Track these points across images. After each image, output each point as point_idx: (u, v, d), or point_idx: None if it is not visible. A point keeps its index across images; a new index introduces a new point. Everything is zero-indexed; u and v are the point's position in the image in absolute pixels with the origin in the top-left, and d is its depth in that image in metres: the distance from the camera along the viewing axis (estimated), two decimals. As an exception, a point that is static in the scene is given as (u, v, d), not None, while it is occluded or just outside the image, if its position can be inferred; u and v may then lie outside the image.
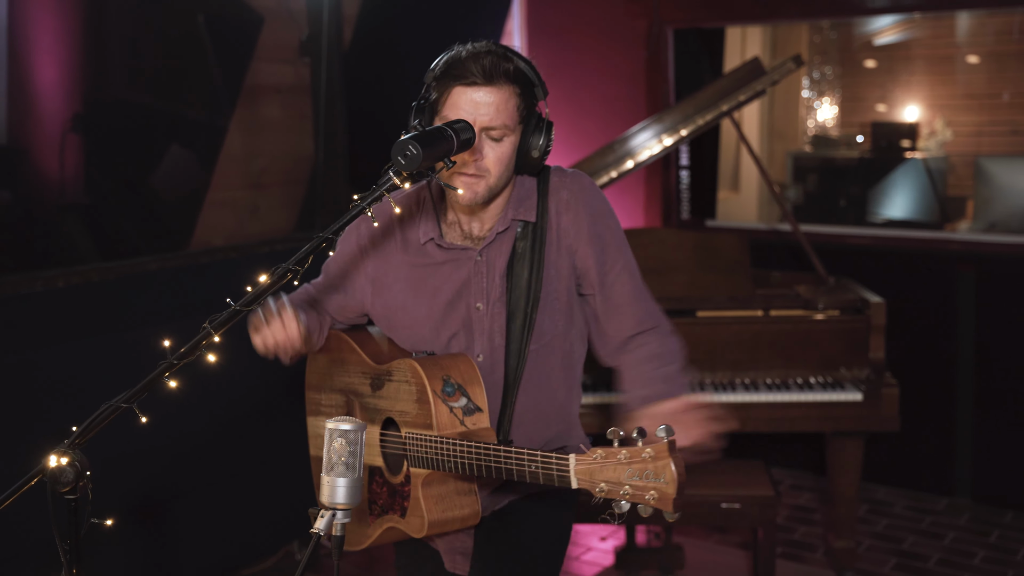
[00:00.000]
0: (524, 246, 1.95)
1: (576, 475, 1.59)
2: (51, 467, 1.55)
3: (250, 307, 1.58)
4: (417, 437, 1.87)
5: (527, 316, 1.93)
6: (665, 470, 1.50)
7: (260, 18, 3.92)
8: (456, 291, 1.98)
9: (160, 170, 3.75)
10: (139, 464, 3.09)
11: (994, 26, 6.79)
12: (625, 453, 1.54)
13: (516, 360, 1.94)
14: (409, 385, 1.91)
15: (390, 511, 1.98)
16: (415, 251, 2.01)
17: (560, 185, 1.98)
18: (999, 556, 3.94)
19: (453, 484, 1.92)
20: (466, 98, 1.81)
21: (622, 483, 1.53)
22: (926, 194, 6.04)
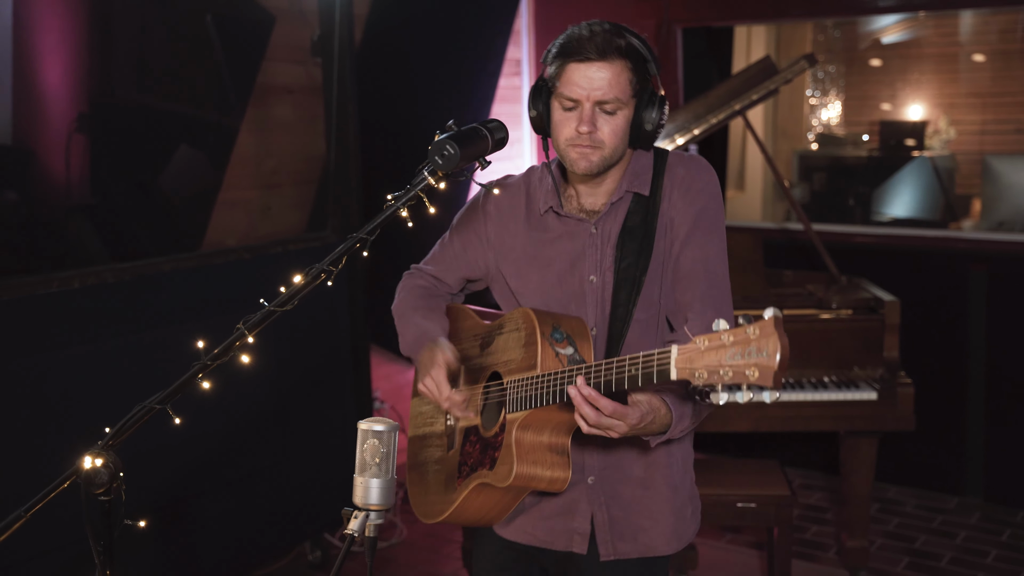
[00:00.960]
0: (636, 219, 1.97)
1: (676, 365, 1.56)
2: (85, 468, 1.55)
3: (283, 307, 1.57)
4: (519, 381, 1.87)
5: (635, 284, 1.95)
6: (768, 343, 1.45)
7: (272, 18, 3.91)
8: (570, 262, 2.01)
9: (169, 170, 3.74)
10: (152, 466, 3.09)
11: (998, 24, 6.80)
12: (729, 335, 1.50)
13: (620, 326, 1.95)
14: (519, 332, 1.92)
15: (480, 467, 1.96)
16: (535, 222, 2.05)
17: (677, 163, 2.01)
18: (1012, 555, 3.94)
19: (548, 438, 1.89)
20: (580, 73, 1.85)
21: (723, 364, 1.50)
22: (933, 193, 6.04)
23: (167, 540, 3.32)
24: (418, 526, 4.27)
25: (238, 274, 3.53)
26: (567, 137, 1.90)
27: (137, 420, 1.56)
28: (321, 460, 3.87)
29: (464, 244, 2.15)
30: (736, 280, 3.67)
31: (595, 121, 1.87)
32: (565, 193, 2.04)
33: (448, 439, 2.09)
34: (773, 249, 4.57)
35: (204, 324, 3.39)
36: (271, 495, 3.68)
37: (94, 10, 3.35)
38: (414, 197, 1.63)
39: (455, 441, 2.06)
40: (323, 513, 3.93)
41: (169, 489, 3.31)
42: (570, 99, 1.87)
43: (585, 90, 1.85)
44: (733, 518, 3.26)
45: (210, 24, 3.77)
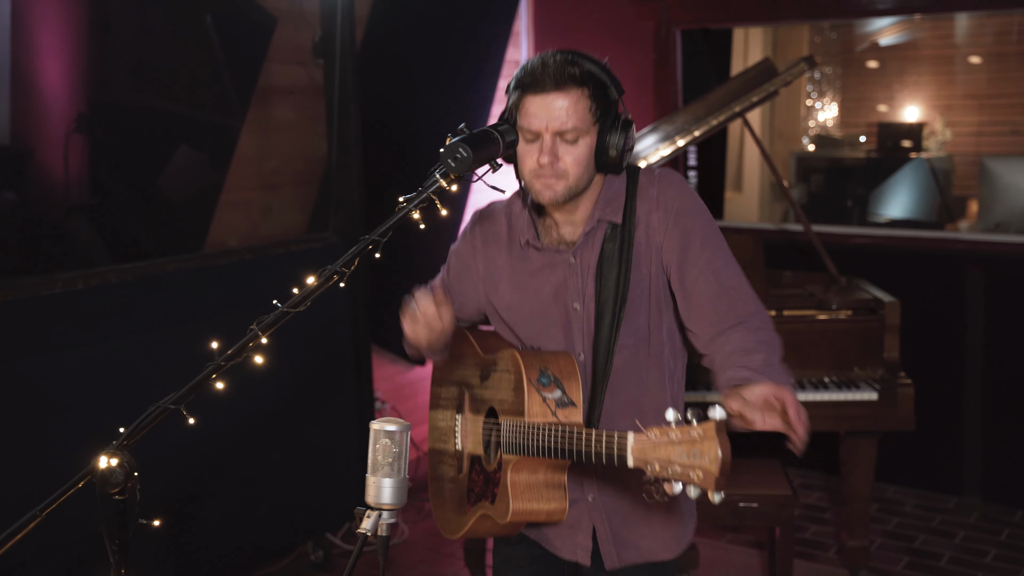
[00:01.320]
0: (612, 247, 1.98)
1: (633, 453, 1.62)
2: (101, 468, 1.55)
3: (296, 308, 1.58)
4: (512, 425, 1.92)
5: (615, 315, 1.96)
6: (709, 450, 1.50)
7: (273, 19, 3.92)
8: (554, 292, 2.03)
9: (169, 171, 3.74)
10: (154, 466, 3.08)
11: (993, 27, 6.83)
12: (676, 433, 1.56)
13: (604, 358, 1.98)
14: (509, 374, 1.96)
15: (483, 498, 2.02)
16: (517, 253, 2.08)
17: (648, 183, 2.01)
18: (1011, 554, 3.97)
19: (543, 476, 1.94)
20: (536, 105, 1.86)
21: (672, 462, 1.56)
22: (930, 194, 6.07)
23: (169, 540, 3.32)
24: (420, 526, 4.28)
25: (241, 275, 3.54)
26: (530, 169, 1.90)
27: (152, 420, 1.56)
28: (323, 460, 3.88)
29: (459, 274, 2.19)
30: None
31: (556, 151, 1.87)
32: (543, 224, 2.05)
33: (458, 461, 2.14)
34: (772, 250, 4.58)
35: (208, 325, 3.40)
36: (273, 495, 3.69)
37: (93, 11, 3.35)
38: (426, 199, 1.64)
39: (463, 465, 2.12)
40: (325, 513, 3.94)
41: (171, 490, 3.32)
42: (530, 131, 1.87)
43: (543, 121, 1.85)
44: (735, 518, 3.28)
45: (210, 25, 3.78)
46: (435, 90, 4.66)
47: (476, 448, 2.08)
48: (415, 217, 1.62)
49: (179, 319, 3.31)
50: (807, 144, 7.17)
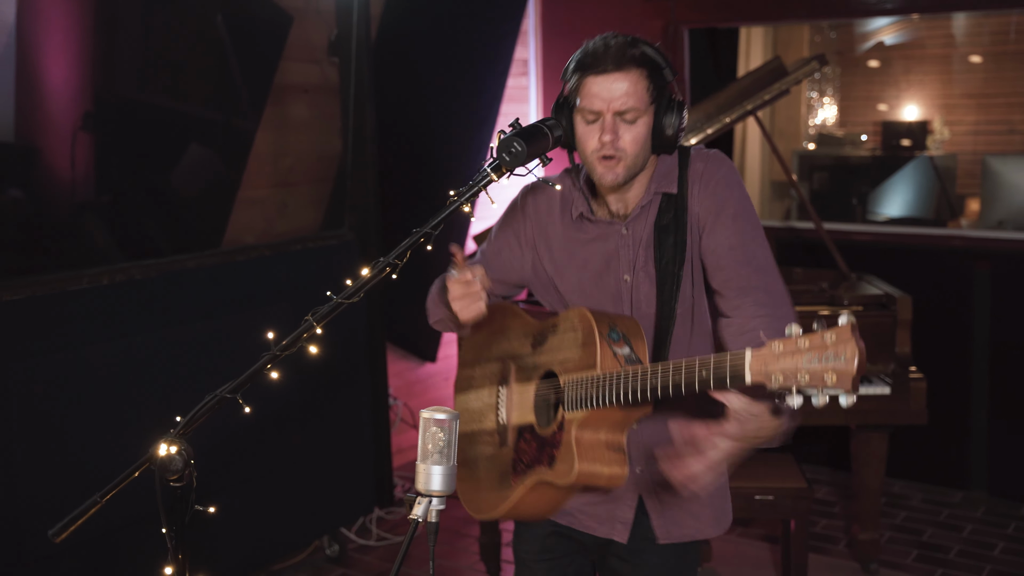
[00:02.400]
0: (668, 217, 2.02)
1: (751, 370, 1.59)
2: (160, 455, 1.59)
3: (350, 299, 1.61)
4: (577, 380, 1.91)
5: (675, 279, 2.00)
6: (846, 349, 1.49)
7: (289, 18, 3.94)
8: (604, 263, 2.06)
9: (181, 169, 3.77)
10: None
11: (991, 27, 6.90)
12: (806, 340, 1.54)
13: (667, 321, 2.00)
14: (575, 332, 1.95)
15: (537, 464, 1.99)
16: (569, 224, 2.10)
17: (697, 158, 2.06)
18: (1018, 547, 4.02)
19: (605, 436, 1.93)
20: (598, 86, 1.89)
21: (799, 369, 1.53)
22: (934, 192, 6.13)
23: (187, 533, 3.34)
24: (432, 521, 4.31)
25: (260, 271, 3.57)
26: (592, 149, 1.94)
27: (209, 409, 1.60)
28: (338, 456, 3.91)
29: (501, 246, 2.20)
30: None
31: (617, 130, 1.92)
32: (595, 199, 2.10)
33: (500, 436, 2.13)
34: (780, 247, 4.63)
35: (231, 320, 3.44)
36: (289, 490, 3.72)
37: (98, 9, 3.37)
38: (477, 193, 1.67)
39: (507, 438, 2.10)
40: (340, 508, 3.97)
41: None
42: (592, 111, 1.91)
43: (605, 101, 1.90)
44: (750, 511, 3.32)
45: (220, 24, 3.80)
46: (445, 89, 4.69)
47: (526, 416, 2.06)
48: (466, 210, 1.66)
49: (203, 314, 3.34)
50: (807, 143, 7.22)
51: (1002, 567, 3.86)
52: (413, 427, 4.83)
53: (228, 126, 3.83)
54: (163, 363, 3.20)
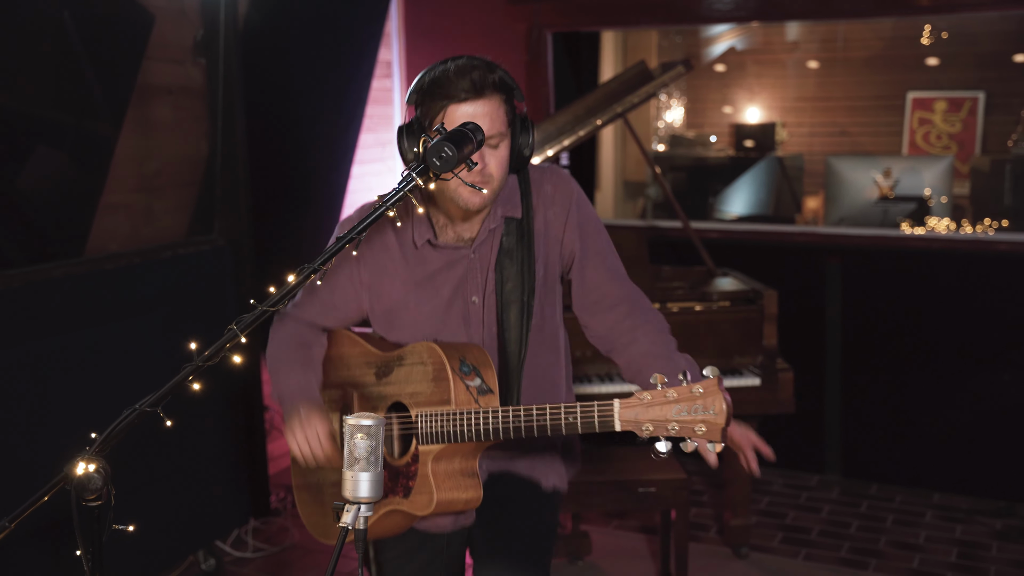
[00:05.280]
0: (511, 241, 2.06)
1: (620, 419, 1.72)
2: (78, 474, 1.52)
3: (275, 307, 1.58)
4: (432, 414, 1.95)
5: (524, 305, 2.06)
6: (715, 403, 1.64)
7: (151, 16, 3.81)
8: (454, 288, 2.09)
9: (27, 174, 3.59)
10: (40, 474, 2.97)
11: (820, 34, 7.29)
12: (673, 392, 1.66)
13: (517, 347, 2.06)
14: (424, 366, 1.99)
15: (390, 494, 2.03)
16: (411, 253, 2.10)
17: (542, 180, 2.11)
18: (871, 524, 4.27)
19: (459, 464, 2.00)
20: (461, 113, 1.91)
21: (668, 420, 1.66)
22: (782, 191, 6.42)
23: (57, 549, 3.19)
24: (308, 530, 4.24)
25: (130, 279, 3.44)
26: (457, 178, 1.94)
27: (127, 423, 1.54)
28: (212, 466, 3.80)
29: (332, 289, 2.19)
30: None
31: (483, 157, 1.94)
32: (438, 223, 2.10)
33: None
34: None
35: (102, 330, 3.30)
36: (161, 504, 3.59)
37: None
38: (401, 198, 1.67)
39: None
40: (215, 520, 3.87)
41: (55, 501, 3.18)
42: None
43: None
44: (634, 503, 3.41)
45: (68, 22, 3.63)
46: (310, 91, 4.62)
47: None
48: (391, 215, 1.65)
49: (71, 325, 3.19)
50: (657, 144, 7.45)
51: (858, 543, 4.09)
52: (285, 435, 4.73)
53: (81, 128, 3.66)
54: (31, 378, 3.04)
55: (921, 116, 6.90)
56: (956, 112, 6.81)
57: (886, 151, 7.00)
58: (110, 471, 1.54)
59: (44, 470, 2.93)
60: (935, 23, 6.70)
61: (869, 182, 5.87)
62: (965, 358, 4.48)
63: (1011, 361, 4.39)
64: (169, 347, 3.50)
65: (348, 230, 2.15)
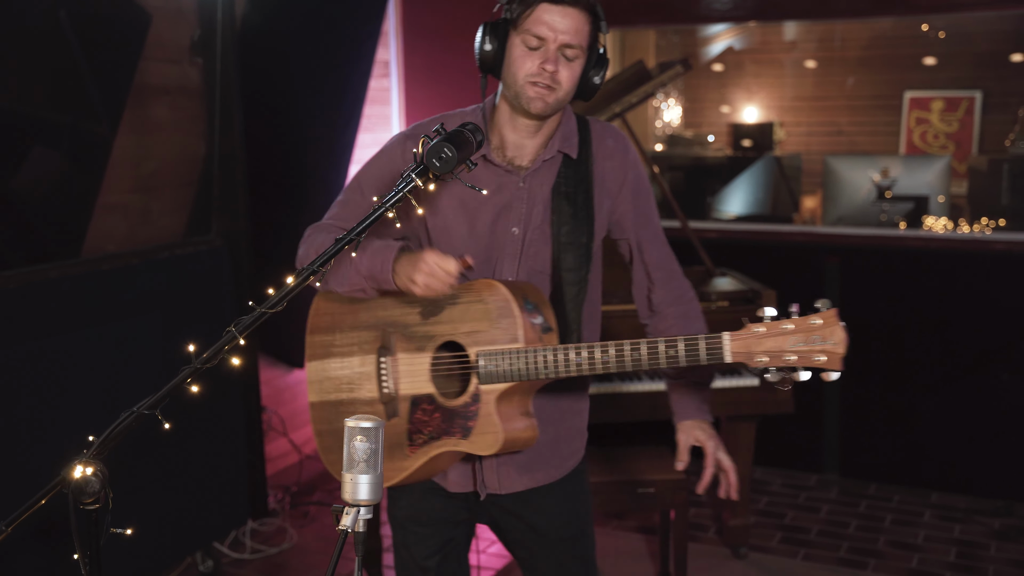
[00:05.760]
0: (569, 184, 2.06)
1: (731, 350, 1.74)
2: (75, 478, 1.51)
3: (274, 309, 1.57)
4: (497, 353, 1.92)
5: (584, 248, 2.05)
6: (834, 333, 1.71)
7: (148, 16, 3.79)
8: (496, 213, 2.07)
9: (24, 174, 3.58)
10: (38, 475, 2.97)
11: (818, 33, 7.29)
12: (789, 324, 1.72)
13: (576, 288, 2.06)
14: (484, 304, 1.94)
15: (444, 436, 1.99)
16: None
17: (604, 133, 2.12)
18: (870, 524, 4.27)
19: (518, 403, 1.99)
20: (551, 15, 1.91)
21: (785, 351, 1.70)
22: (780, 190, 6.42)
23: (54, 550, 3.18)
24: (308, 530, 4.24)
25: (128, 279, 3.43)
26: (528, 73, 1.95)
27: (125, 426, 1.53)
28: (210, 468, 3.79)
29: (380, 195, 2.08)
30: (624, 276, 3.85)
31: (557, 62, 1.95)
32: (492, 144, 2.08)
33: (387, 406, 2.08)
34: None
35: (99, 331, 3.29)
36: (160, 505, 3.58)
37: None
38: (401, 199, 1.66)
39: (397, 408, 2.06)
40: (213, 521, 3.86)
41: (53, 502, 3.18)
42: (537, 37, 1.93)
43: (553, 31, 1.92)
44: (633, 503, 3.41)
45: (64, 21, 3.62)
46: (308, 91, 4.61)
47: (422, 387, 2.03)
48: (390, 215, 1.64)
49: (70, 326, 3.18)
50: (655, 144, 7.44)
51: (857, 543, 4.09)
52: (283, 435, 4.73)
53: (78, 129, 3.65)
54: (28, 379, 3.03)
55: (918, 115, 6.90)
56: (953, 112, 6.81)
57: (883, 150, 7.00)
58: (108, 474, 1.53)
59: (41, 471, 2.93)
60: (932, 22, 6.70)
61: (867, 182, 5.87)
62: (963, 357, 4.48)
63: (1009, 360, 4.39)
64: (166, 348, 3.50)
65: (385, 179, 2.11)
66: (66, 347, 3.17)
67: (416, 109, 5.39)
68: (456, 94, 5.25)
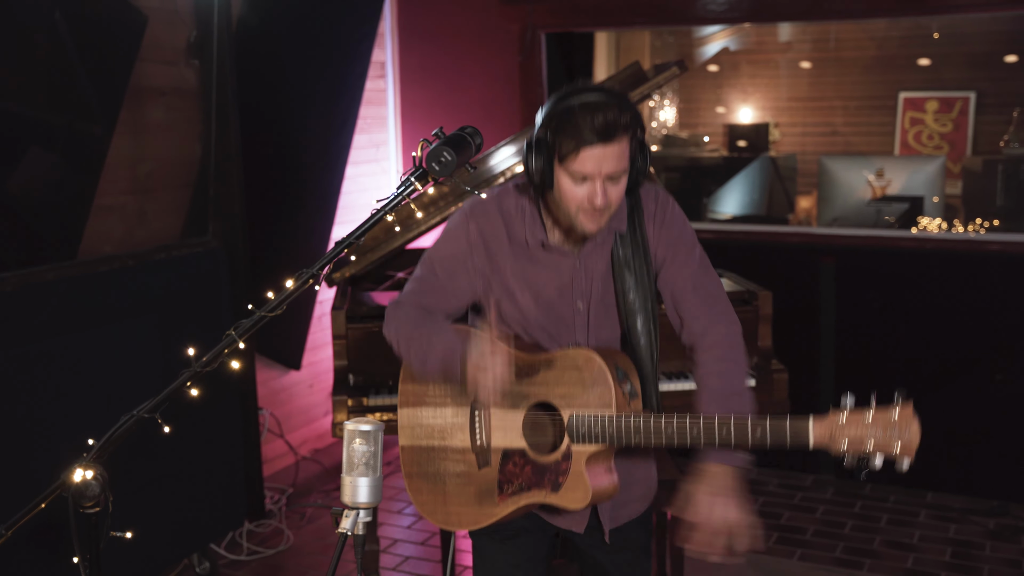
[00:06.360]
0: (627, 253, 2.16)
1: (815, 436, 1.87)
2: (75, 482, 1.51)
3: (273, 312, 1.58)
4: (590, 417, 2.04)
5: (649, 314, 2.16)
6: (911, 426, 1.81)
7: (144, 17, 3.79)
8: (557, 290, 2.17)
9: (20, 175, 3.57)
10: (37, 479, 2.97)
11: (813, 34, 7.31)
12: (870, 416, 1.85)
13: (649, 352, 2.17)
14: (579, 371, 2.06)
15: (534, 488, 2.11)
16: (519, 250, 2.17)
17: (647, 198, 2.22)
18: (865, 524, 4.28)
19: (604, 463, 2.12)
20: (593, 158, 1.97)
21: (866, 439, 1.84)
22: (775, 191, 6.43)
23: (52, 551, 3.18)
24: (304, 531, 4.25)
25: (124, 281, 3.43)
26: (578, 205, 2.03)
27: (125, 430, 1.53)
28: (208, 469, 3.79)
29: (450, 274, 2.22)
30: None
31: (606, 191, 2.02)
32: (548, 225, 2.18)
33: (478, 456, 2.19)
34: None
35: (96, 333, 3.29)
36: (157, 506, 3.58)
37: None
38: (399, 202, 1.66)
39: (489, 459, 2.18)
40: (210, 523, 3.85)
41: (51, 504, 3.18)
42: (581, 174, 1.99)
43: (597, 168, 1.99)
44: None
45: (60, 22, 3.62)
46: (304, 92, 4.62)
47: (514, 441, 2.14)
48: (389, 219, 1.64)
49: (66, 328, 3.18)
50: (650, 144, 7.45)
51: (853, 543, 4.10)
52: (280, 436, 4.73)
53: (74, 130, 3.65)
54: (25, 381, 3.03)
55: (913, 116, 6.92)
56: (947, 112, 6.83)
57: (878, 151, 7.02)
58: (108, 477, 1.53)
59: (39, 473, 2.93)
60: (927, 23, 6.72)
61: (862, 182, 5.89)
62: (958, 357, 4.49)
63: (1003, 360, 4.40)
64: (163, 349, 3.50)
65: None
66: (62, 349, 3.17)
67: (412, 110, 5.39)
68: (452, 95, 5.26)
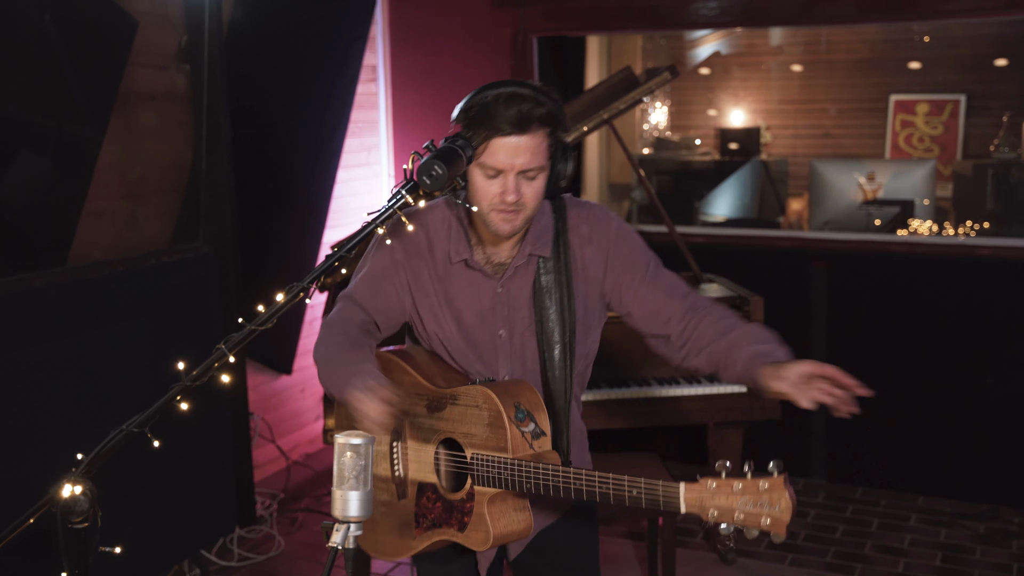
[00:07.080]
0: (549, 280, 2.07)
1: (686, 501, 1.74)
2: (64, 497, 1.50)
3: (263, 326, 1.57)
4: (488, 459, 1.97)
5: (566, 346, 2.07)
6: (780, 500, 1.68)
7: (134, 22, 3.78)
8: (478, 316, 2.09)
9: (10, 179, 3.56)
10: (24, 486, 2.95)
11: (804, 36, 7.32)
12: (739, 484, 1.71)
13: (563, 385, 2.08)
14: (479, 410, 1.99)
15: (444, 525, 2.06)
16: (441, 269, 2.10)
17: (579, 220, 2.11)
18: (856, 528, 4.29)
19: (512, 502, 2.04)
20: (504, 149, 1.91)
21: (735, 509, 1.71)
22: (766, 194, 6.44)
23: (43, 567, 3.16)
24: (295, 537, 4.23)
25: (114, 286, 3.41)
26: (490, 202, 1.96)
27: (114, 444, 1.52)
28: (198, 475, 3.78)
29: (374, 293, 2.16)
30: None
31: (519, 188, 1.95)
32: (471, 242, 2.11)
33: (398, 487, 2.14)
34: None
35: (85, 339, 3.27)
36: (147, 513, 3.56)
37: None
38: (392, 216, 1.65)
39: (407, 491, 2.13)
40: (200, 529, 3.84)
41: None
42: (493, 168, 1.93)
43: (509, 161, 1.92)
44: (622, 510, 3.39)
45: (50, 26, 3.60)
46: (295, 96, 4.60)
47: (427, 475, 2.09)
48: (380, 232, 1.64)
49: (55, 335, 3.17)
50: (642, 147, 7.45)
51: (844, 548, 4.11)
52: (271, 441, 4.71)
53: (64, 134, 3.63)
54: (14, 388, 3.01)
55: (903, 118, 6.94)
56: (938, 115, 6.85)
57: (869, 153, 7.03)
58: (96, 492, 1.52)
59: (28, 481, 2.91)
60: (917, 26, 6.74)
61: (853, 185, 5.90)
62: (948, 361, 4.50)
63: (994, 364, 4.41)
64: (154, 355, 3.48)
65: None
66: (52, 356, 3.15)
67: (404, 114, 5.38)
68: (444, 98, 5.24)
